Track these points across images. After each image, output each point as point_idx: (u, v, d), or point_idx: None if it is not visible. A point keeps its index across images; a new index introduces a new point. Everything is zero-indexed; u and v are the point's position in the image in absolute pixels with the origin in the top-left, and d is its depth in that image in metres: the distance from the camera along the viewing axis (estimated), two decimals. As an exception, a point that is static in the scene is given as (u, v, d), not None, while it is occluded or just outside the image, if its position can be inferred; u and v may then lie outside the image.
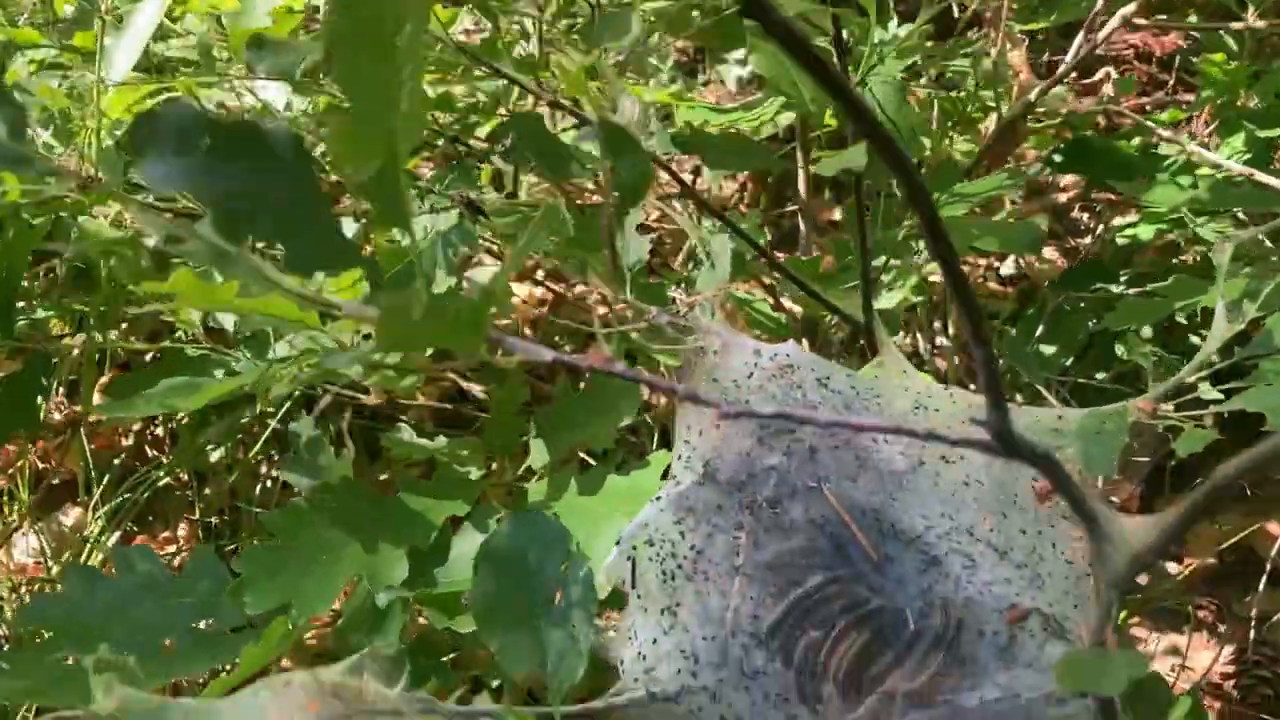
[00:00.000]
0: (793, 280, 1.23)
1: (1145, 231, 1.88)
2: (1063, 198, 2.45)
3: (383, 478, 1.80)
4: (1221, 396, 1.10)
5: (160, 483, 1.90)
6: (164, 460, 1.92)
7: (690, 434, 0.97)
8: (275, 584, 1.17)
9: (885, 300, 1.37)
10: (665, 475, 1.04)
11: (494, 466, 1.43)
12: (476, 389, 1.68)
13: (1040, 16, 1.84)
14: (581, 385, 1.45)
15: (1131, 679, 0.58)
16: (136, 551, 1.29)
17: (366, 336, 1.32)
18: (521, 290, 2.40)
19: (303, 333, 1.45)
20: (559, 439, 1.34)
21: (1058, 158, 1.97)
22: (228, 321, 1.51)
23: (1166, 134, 1.56)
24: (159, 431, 2.09)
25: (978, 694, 0.82)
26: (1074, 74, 1.91)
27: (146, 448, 2.08)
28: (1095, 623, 0.70)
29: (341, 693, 0.74)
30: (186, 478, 1.95)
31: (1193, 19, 2.06)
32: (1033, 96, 1.63)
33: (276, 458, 1.86)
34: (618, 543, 0.92)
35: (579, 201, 1.40)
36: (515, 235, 1.49)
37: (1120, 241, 1.91)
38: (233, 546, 1.81)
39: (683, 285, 1.29)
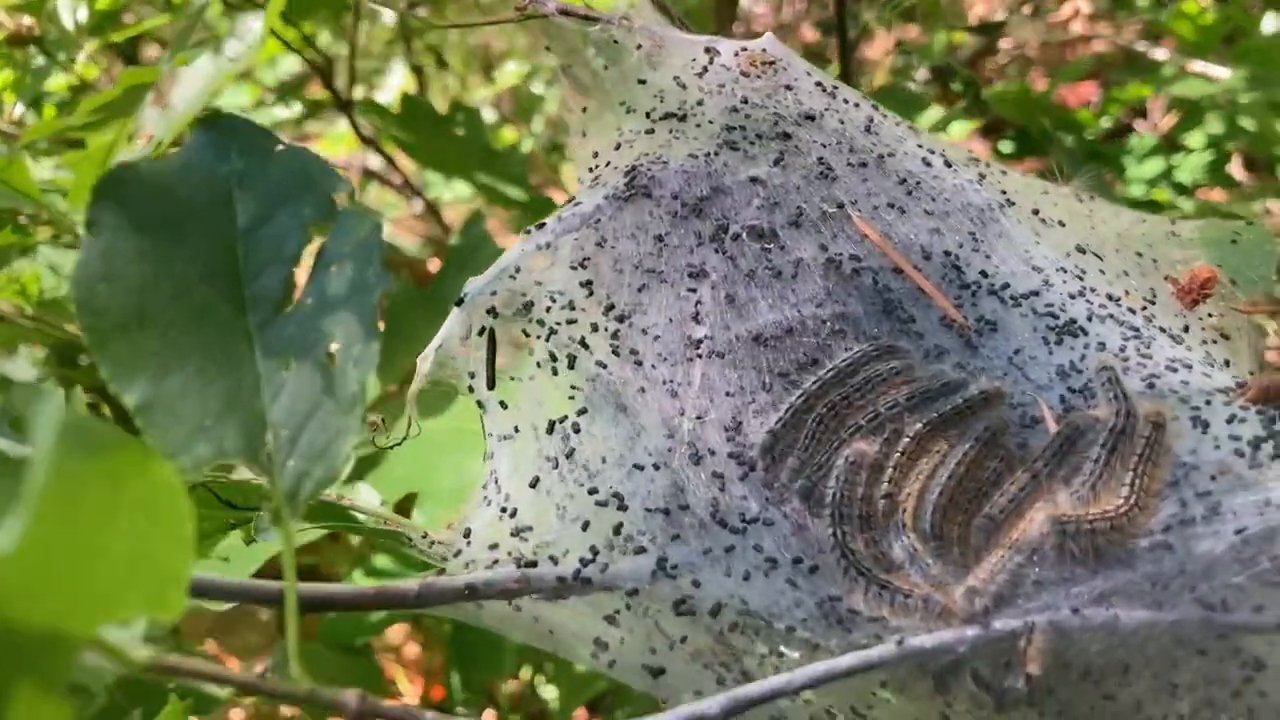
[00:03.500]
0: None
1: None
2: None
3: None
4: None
5: None
6: None
7: (599, 157, 0.54)
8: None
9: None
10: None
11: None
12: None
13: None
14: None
15: None
16: None
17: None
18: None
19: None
20: (395, 357, 0.90)
21: (1005, 147, 1.69)
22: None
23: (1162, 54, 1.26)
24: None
25: (1224, 525, 0.39)
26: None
27: None
28: None
29: None
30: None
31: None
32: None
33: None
34: (459, 303, 0.47)
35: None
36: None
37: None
38: None
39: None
